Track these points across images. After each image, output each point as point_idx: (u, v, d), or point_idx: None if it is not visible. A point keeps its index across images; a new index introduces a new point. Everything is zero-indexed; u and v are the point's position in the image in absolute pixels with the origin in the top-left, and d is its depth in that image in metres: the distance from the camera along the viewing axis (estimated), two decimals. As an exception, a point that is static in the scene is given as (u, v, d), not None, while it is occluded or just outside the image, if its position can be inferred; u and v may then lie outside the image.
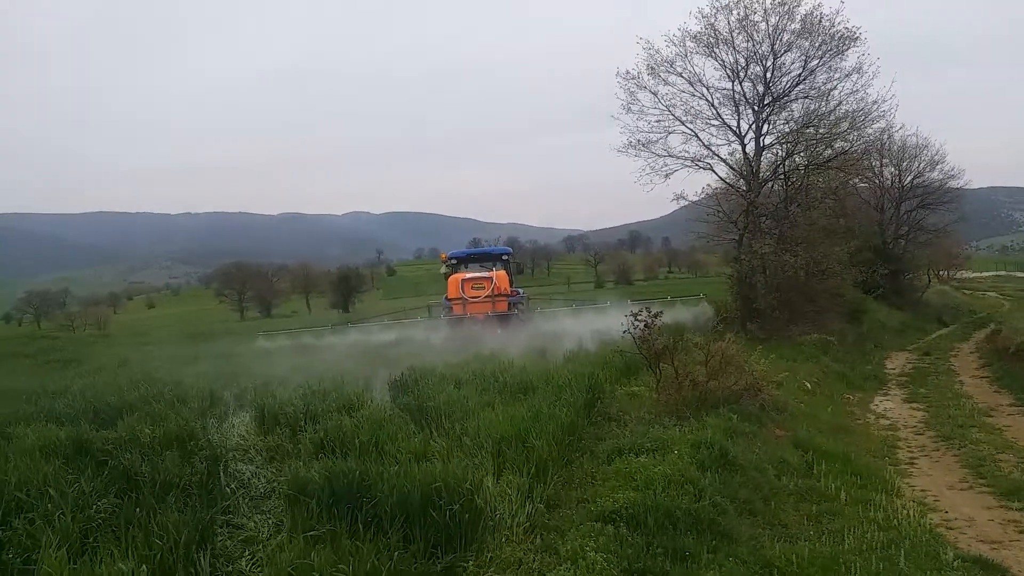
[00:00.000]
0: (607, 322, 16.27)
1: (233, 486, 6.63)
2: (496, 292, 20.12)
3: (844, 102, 21.92)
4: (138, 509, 5.45)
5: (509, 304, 20.59)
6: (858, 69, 21.48)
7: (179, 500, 5.80)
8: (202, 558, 4.96)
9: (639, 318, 10.70)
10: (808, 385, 14.03)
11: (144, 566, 4.62)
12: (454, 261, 22.38)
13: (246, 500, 6.40)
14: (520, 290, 23.49)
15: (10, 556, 4.86)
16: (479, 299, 19.96)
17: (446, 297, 20.85)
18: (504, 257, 22.60)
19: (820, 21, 21.27)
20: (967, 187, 42.39)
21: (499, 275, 20.70)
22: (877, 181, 37.77)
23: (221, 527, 5.77)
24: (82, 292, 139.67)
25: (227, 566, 5.17)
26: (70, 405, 9.45)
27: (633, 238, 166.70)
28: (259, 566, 5.02)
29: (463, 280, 20.36)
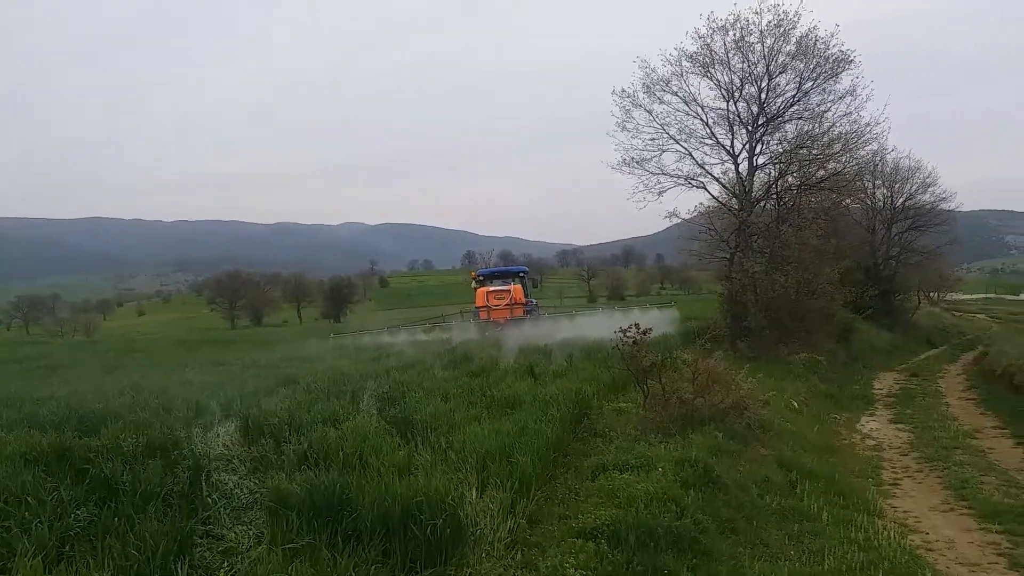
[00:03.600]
0: (595, 321, 21.81)
1: (215, 496, 6.58)
2: (513, 301, 25.27)
3: (837, 124, 22.19)
4: (116, 518, 5.42)
5: (524, 311, 25.61)
6: (852, 91, 21.77)
7: (159, 510, 5.75)
8: (180, 569, 4.93)
9: (628, 334, 10.73)
10: (795, 404, 14.06)
11: (120, 576, 4.60)
12: (482, 277, 27.55)
13: (228, 511, 6.35)
14: (534, 300, 28.77)
15: (-15, 564, 4.82)
16: (500, 307, 25.02)
17: (475, 305, 26.26)
18: (521, 275, 28.58)
19: (815, 44, 21.52)
20: (958, 210, 42.71)
21: (516, 288, 26.21)
22: (869, 202, 38.03)
23: (201, 538, 5.74)
24: (73, 298, 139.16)
25: (205, 577, 5.15)
26: (54, 412, 9.34)
27: (626, 254, 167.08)
28: (238, 578, 5.00)
29: (488, 292, 25.65)
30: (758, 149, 22.96)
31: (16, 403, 10.71)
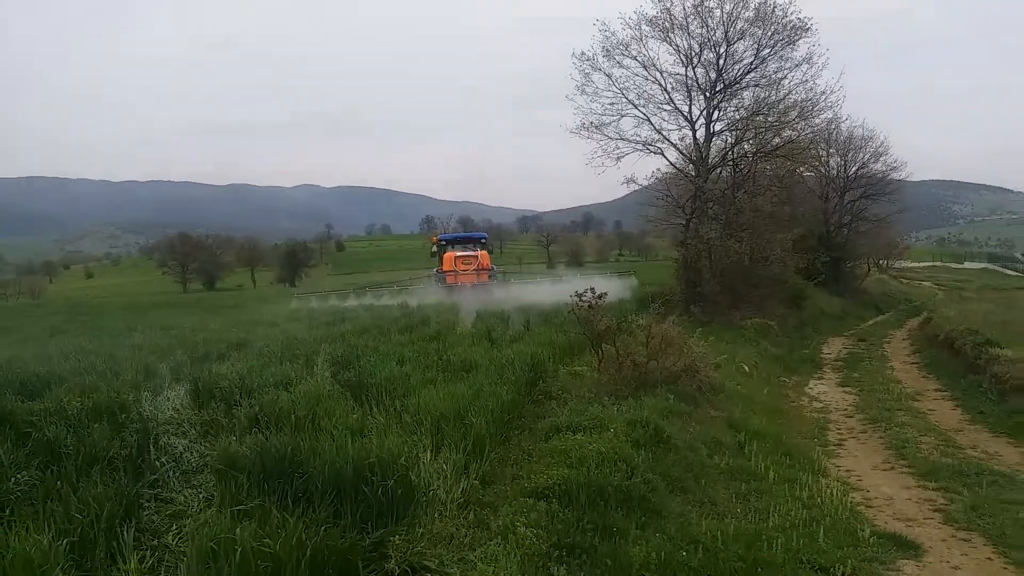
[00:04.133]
0: (554, 288, 22.63)
1: (164, 460, 6.50)
2: (480, 267, 26.71)
3: (793, 91, 22.41)
4: (59, 482, 5.31)
5: (488, 276, 27.06)
6: (808, 59, 21.96)
7: (105, 473, 5.66)
8: (125, 532, 4.86)
9: (583, 299, 10.79)
10: (746, 368, 14.36)
11: (64, 540, 4.51)
12: (444, 242, 28.68)
13: (176, 474, 6.30)
14: (494, 266, 29.76)
15: (-82, 529, 4.69)
16: (467, 271, 26.29)
17: (439, 269, 27.29)
18: (482, 240, 29.88)
19: (773, 10, 21.67)
20: (909, 179, 43.58)
21: (483, 254, 27.71)
22: (823, 170, 38.52)
23: (149, 501, 5.68)
24: (16, 259, 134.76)
25: (153, 540, 5.09)
26: (-5, 375, 9.13)
27: (586, 220, 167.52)
28: (186, 541, 4.94)
29: (455, 257, 26.75)
30: (715, 116, 23.13)
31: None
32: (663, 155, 23.65)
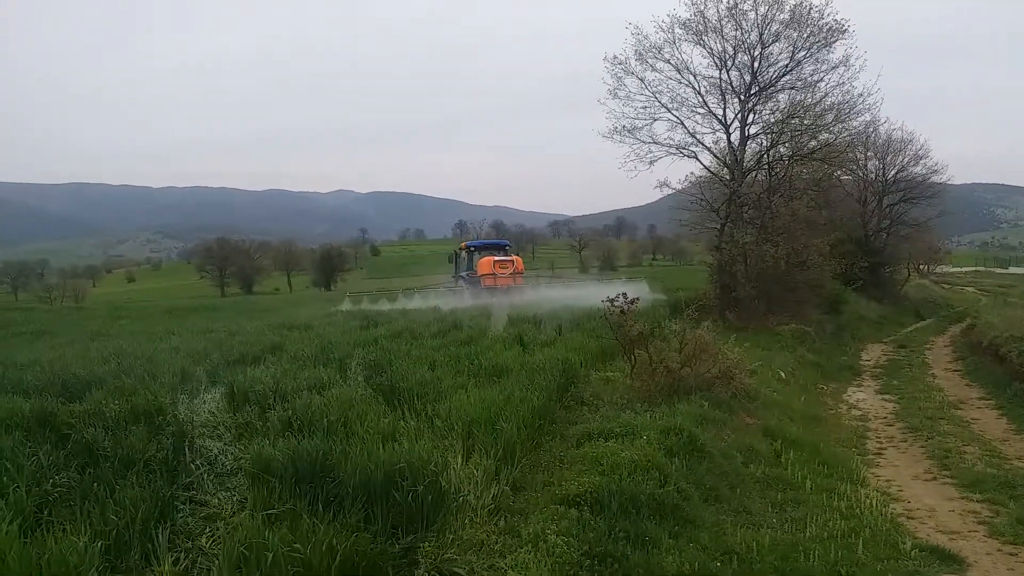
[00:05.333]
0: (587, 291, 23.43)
1: (199, 462, 6.56)
2: (516, 271, 28.37)
3: (830, 94, 21.98)
4: (97, 484, 5.39)
5: (522, 279, 28.93)
6: (845, 61, 21.50)
7: (142, 476, 5.72)
8: (160, 534, 4.92)
9: (615, 304, 10.71)
10: (782, 374, 14.11)
11: (99, 541, 4.57)
12: (472, 248, 30.22)
13: (211, 477, 6.34)
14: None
15: (-39, 529, 4.78)
16: (505, 275, 27.79)
17: (474, 273, 28.53)
18: (505, 247, 31.62)
19: (809, 12, 21.27)
20: (950, 183, 42.61)
21: (518, 259, 29.35)
22: (860, 174, 37.89)
23: (184, 503, 5.72)
24: (61, 264, 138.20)
25: (187, 542, 5.13)
26: (38, 377, 9.31)
27: (619, 224, 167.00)
28: (219, 543, 4.98)
29: (494, 261, 28.07)
30: (750, 119, 22.82)
31: (-1, 368, 10.66)
32: (697, 159, 23.44)
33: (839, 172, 27.89)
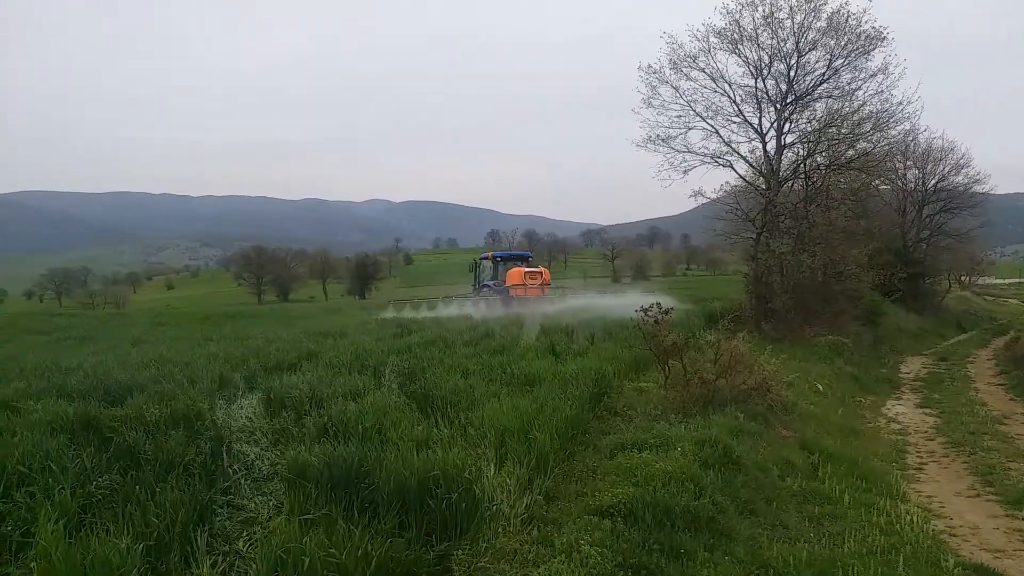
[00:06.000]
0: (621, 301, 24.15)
1: (236, 467, 6.66)
2: (544, 282, 28.51)
3: (868, 102, 21.73)
4: (138, 487, 5.50)
5: (549, 290, 29.27)
6: (884, 69, 21.25)
7: (181, 479, 5.82)
8: (199, 537, 5.00)
9: (649, 313, 10.65)
10: (819, 387, 13.90)
11: (141, 543, 4.67)
12: (499, 259, 30.45)
13: (248, 481, 6.43)
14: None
15: (9, 529, 4.91)
16: (534, 285, 27.89)
17: (497, 283, 28.74)
18: (528, 258, 32.16)
19: (847, 20, 21.05)
20: (993, 192, 41.73)
21: (545, 271, 29.70)
22: (900, 183, 37.32)
23: (221, 507, 5.81)
24: (103, 271, 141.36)
25: (224, 545, 5.22)
26: (81, 381, 9.50)
27: (652, 234, 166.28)
28: (256, 547, 5.05)
29: (524, 272, 28.16)
30: (786, 128, 22.61)
31: (45, 373, 10.91)
32: (732, 168, 23.29)
33: (877, 182, 27.49)
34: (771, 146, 22.68)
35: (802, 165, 22.76)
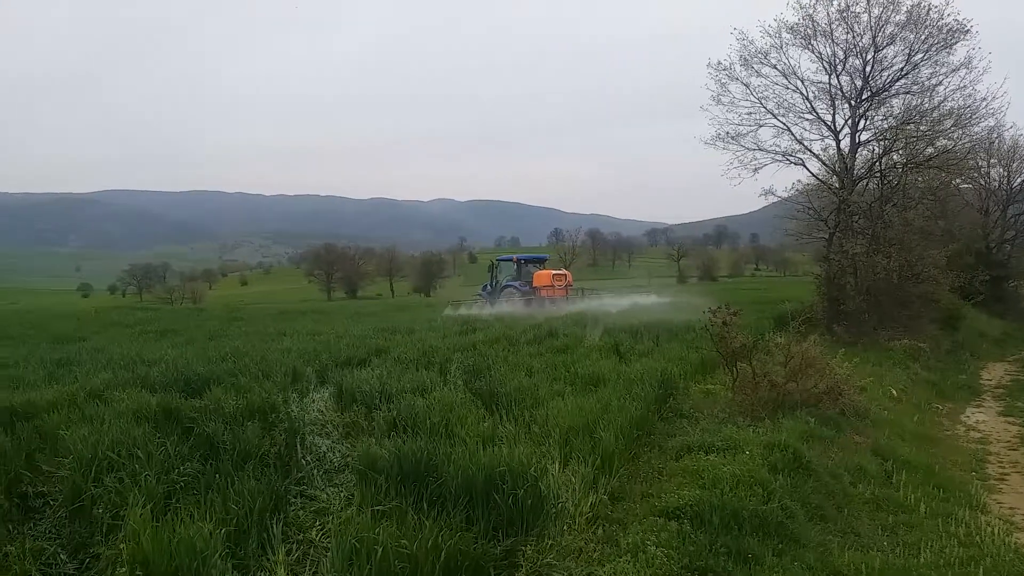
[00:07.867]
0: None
1: (309, 459, 6.88)
2: (567, 284, 30.03)
3: (949, 98, 20.88)
4: (218, 475, 5.75)
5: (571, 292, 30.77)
6: (967, 64, 20.39)
7: (257, 469, 6.06)
8: (274, 525, 5.20)
9: (717, 315, 10.52)
10: (894, 392, 13.48)
11: (221, 529, 4.88)
12: (524, 261, 31.82)
13: (320, 473, 6.64)
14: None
15: (100, 511, 5.20)
16: (560, 287, 29.27)
17: (527, 283, 29.65)
18: (546, 260, 33.87)
19: (928, 12, 20.31)
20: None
21: (568, 273, 31.23)
22: (982, 182, 35.75)
23: (295, 497, 6.02)
24: (180, 267, 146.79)
25: (298, 534, 5.41)
26: (163, 373, 9.93)
27: (719, 233, 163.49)
28: (328, 536, 5.22)
29: (552, 275, 29.67)
30: (861, 125, 21.95)
31: (129, 364, 11.43)
32: (804, 166, 22.75)
33: (958, 180, 26.44)
34: (845, 144, 22.10)
35: (878, 163, 22.06)
